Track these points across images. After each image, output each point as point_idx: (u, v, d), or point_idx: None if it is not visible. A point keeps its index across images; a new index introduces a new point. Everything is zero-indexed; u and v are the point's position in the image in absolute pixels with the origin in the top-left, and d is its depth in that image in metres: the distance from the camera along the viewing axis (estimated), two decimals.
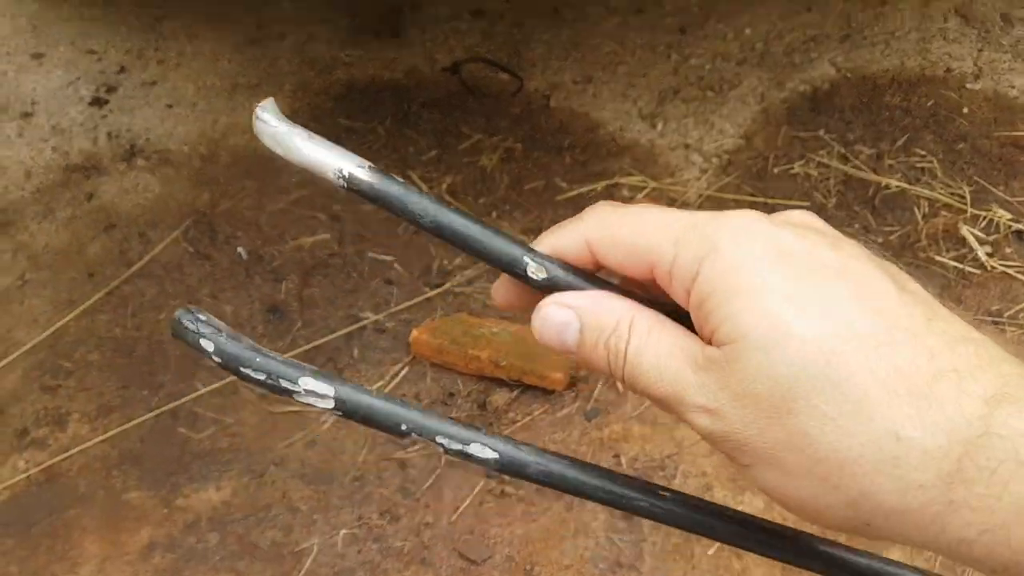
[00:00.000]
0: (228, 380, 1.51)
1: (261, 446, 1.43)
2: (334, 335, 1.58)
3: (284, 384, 0.33)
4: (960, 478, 0.26)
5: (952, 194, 1.74)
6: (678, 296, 0.30)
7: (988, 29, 2.05)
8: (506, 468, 0.34)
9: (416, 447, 1.42)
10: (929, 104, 1.91)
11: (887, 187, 1.76)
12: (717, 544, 1.30)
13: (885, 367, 0.27)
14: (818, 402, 0.27)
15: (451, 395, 1.50)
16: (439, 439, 0.34)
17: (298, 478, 1.39)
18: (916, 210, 1.72)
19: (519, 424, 1.45)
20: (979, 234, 1.67)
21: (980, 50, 2.00)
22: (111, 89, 2.05)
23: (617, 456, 1.40)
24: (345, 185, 0.33)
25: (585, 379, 1.51)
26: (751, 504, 1.35)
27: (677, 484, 1.37)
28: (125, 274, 1.67)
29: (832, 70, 1.99)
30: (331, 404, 0.34)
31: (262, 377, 0.33)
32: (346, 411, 0.34)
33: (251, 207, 1.80)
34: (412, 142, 1.91)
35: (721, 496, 1.36)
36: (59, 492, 1.38)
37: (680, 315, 0.32)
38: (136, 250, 1.72)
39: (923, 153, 1.82)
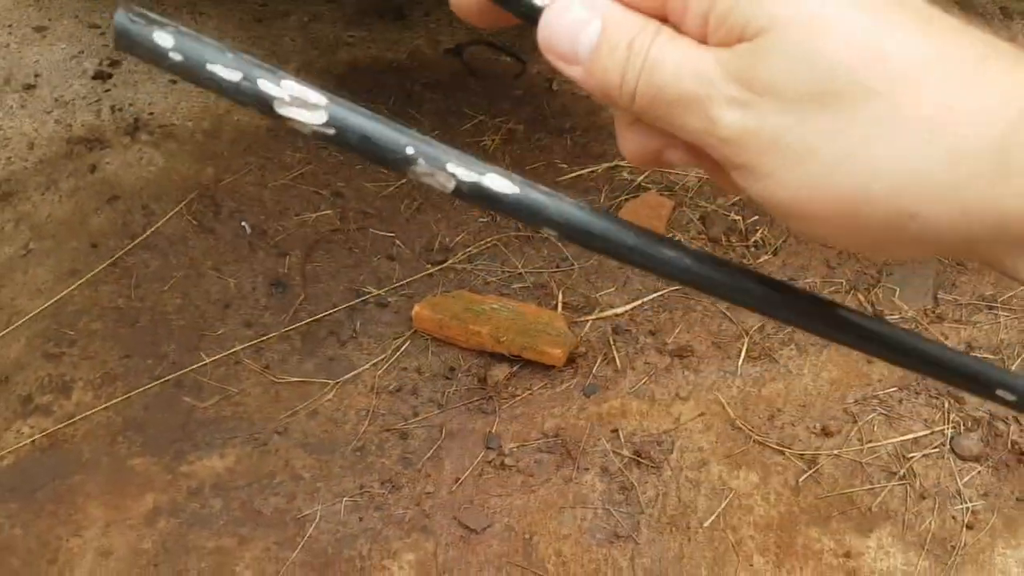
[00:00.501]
0: (231, 351, 1.53)
1: (264, 416, 1.45)
2: (336, 309, 1.60)
3: (263, 87, 0.26)
4: (1016, 140, 0.24)
5: None
6: (693, 26, 0.28)
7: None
8: (521, 209, 0.29)
9: (418, 419, 1.45)
10: None
11: None
12: (713, 516, 1.33)
13: (936, 48, 0.25)
14: (865, 76, 0.25)
15: (452, 369, 1.52)
16: (450, 167, 0.28)
17: (300, 447, 1.41)
18: None
19: (519, 398, 1.47)
20: None
21: None
22: (114, 63, 2.05)
23: (615, 431, 1.43)
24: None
25: (584, 355, 1.53)
26: (747, 479, 1.38)
27: (674, 459, 1.40)
28: (129, 245, 1.68)
29: None
30: (322, 118, 0.27)
31: (235, 78, 0.26)
32: (340, 129, 0.27)
33: (254, 182, 1.81)
34: (415, 122, 1.93)
35: (717, 472, 1.38)
36: (63, 458, 1.40)
37: None
38: (139, 222, 1.73)
39: None
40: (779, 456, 1.40)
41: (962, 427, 1.43)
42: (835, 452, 1.40)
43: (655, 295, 1.61)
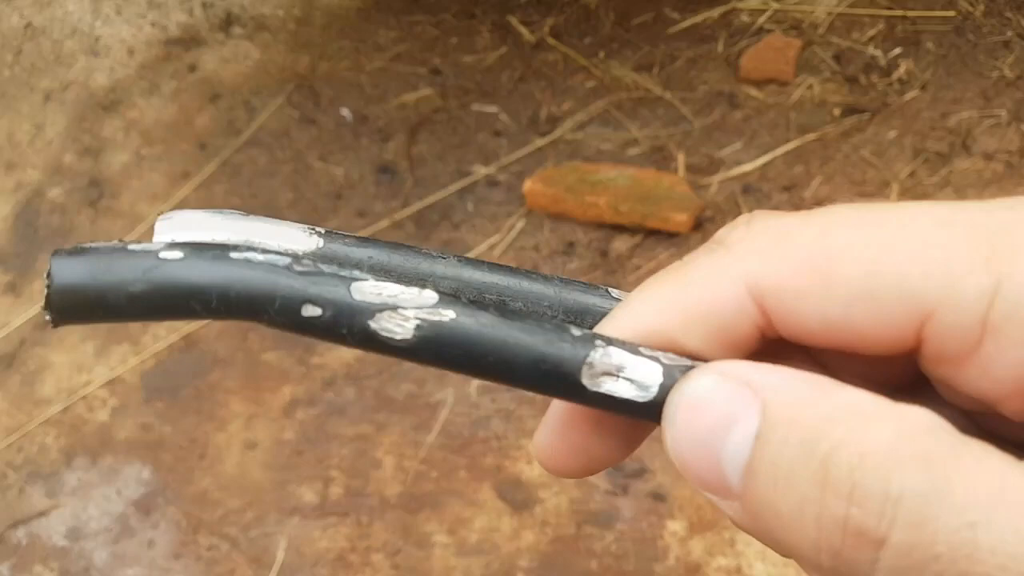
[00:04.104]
0: None
1: None
2: (446, 192, 1.55)
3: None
4: None
5: None
6: (975, 385, 0.17)
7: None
8: None
9: None
10: None
11: None
12: None
13: None
14: None
15: (571, 245, 1.45)
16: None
17: None
18: None
19: (644, 270, 1.40)
20: None
21: None
22: None
23: None
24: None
25: (712, 219, 1.43)
26: None
27: None
28: (236, 143, 1.67)
29: None
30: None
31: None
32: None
33: (350, 68, 1.75)
34: None
35: None
36: (200, 357, 1.43)
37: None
38: (243, 119, 1.71)
39: None
40: None
41: None
42: None
43: (788, 147, 1.48)
